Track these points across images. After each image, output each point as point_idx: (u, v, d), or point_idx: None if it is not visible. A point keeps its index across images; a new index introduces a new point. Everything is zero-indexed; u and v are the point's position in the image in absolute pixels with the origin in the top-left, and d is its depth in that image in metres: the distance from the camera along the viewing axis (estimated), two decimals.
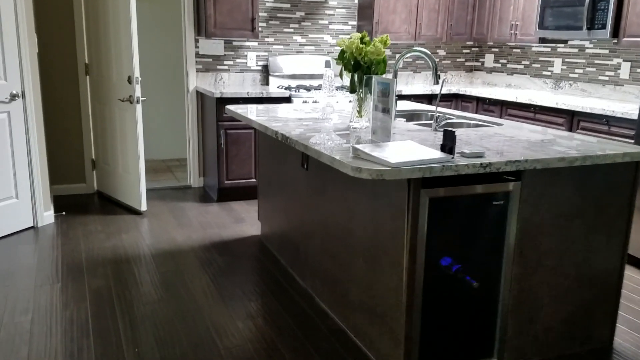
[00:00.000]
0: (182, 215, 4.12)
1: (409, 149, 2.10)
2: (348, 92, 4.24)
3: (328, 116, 3.08)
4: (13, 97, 3.49)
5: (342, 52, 2.71)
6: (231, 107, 3.37)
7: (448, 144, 2.04)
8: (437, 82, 2.92)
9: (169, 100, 5.90)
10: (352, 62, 2.66)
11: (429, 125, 2.94)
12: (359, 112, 2.76)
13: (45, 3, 4.24)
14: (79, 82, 4.41)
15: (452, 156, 2.00)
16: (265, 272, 3.16)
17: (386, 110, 2.30)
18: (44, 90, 4.30)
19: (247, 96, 4.37)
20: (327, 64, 5.09)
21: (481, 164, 1.95)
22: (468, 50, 5.74)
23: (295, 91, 4.54)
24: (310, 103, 4.52)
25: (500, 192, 2.10)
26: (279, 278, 3.10)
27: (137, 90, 3.92)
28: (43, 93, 4.25)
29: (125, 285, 2.94)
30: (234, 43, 4.83)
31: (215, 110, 4.34)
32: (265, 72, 4.98)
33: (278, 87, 4.79)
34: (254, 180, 4.53)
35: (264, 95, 4.43)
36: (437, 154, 2.01)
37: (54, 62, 4.29)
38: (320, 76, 5.09)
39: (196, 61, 4.73)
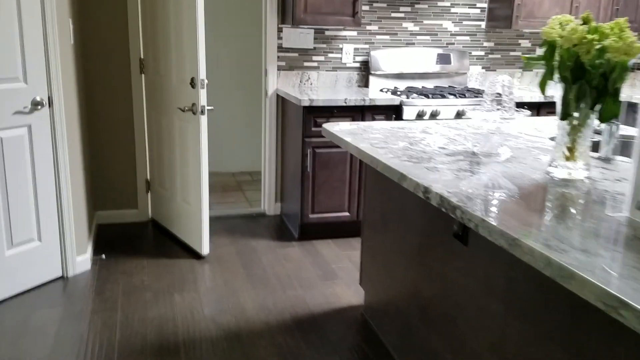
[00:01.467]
0: (254, 261, 3.09)
1: None
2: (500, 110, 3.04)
3: (495, 150, 1.89)
4: (36, 105, 2.60)
5: (550, 47, 1.51)
6: (334, 130, 2.26)
7: None
8: None
9: (241, 104, 4.93)
10: (571, 66, 1.46)
11: None
12: (572, 151, 1.56)
13: None
14: (133, 82, 3.49)
15: None
16: None
17: None
18: (87, 93, 3.42)
19: (345, 104, 3.26)
20: (446, 59, 3.87)
21: None
22: None
23: (406, 97, 3.37)
24: (428, 115, 3.33)
25: None
26: None
27: (203, 97, 2.92)
28: (85, 97, 3.37)
29: None
30: (327, 33, 3.73)
31: (301, 122, 3.27)
32: (365, 70, 3.85)
33: (382, 91, 3.64)
34: (347, 214, 3.42)
35: (367, 103, 3.30)
36: None
37: (99, 57, 3.40)
38: (436, 75, 3.88)
39: (278, 57, 3.68)
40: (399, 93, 3.49)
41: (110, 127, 3.49)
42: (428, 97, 3.38)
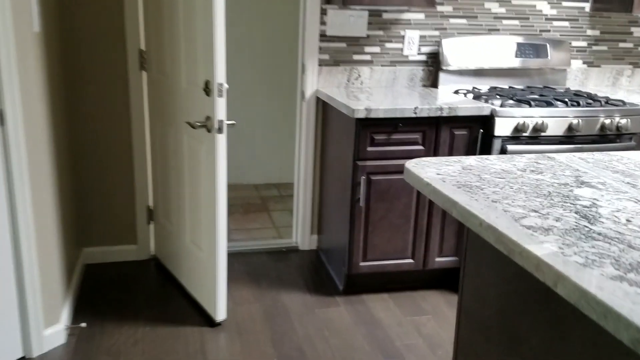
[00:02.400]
0: (287, 333, 2.26)
1: None
2: None
3: None
4: None
5: None
6: (430, 178, 1.39)
7: None
8: None
9: (269, 104, 4.08)
10: None
11: None
12: None
13: None
14: (131, 82, 2.67)
15: None
16: None
17: None
18: (68, 96, 2.60)
19: (415, 114, 2.38)
20: (541, 51, 2.93)
21: None
22: None
23: (500, 104, 2.47)
24: (529, 129, 2.42)
25: None
26: None
27: (221, 109, 2.07)
28: (64, 102, 2.54)
29: None
30: (385, 15, 2.84)
31: (352, 138, 2.41)
32: (433, 64, 2.95)
33: (457, 93, 2.74)
34: (410, 261, 2.56)
35: (445, 113, 2.41)
36: None
37: (85, 48, 2.57)
38: (524, 72, 2.95)
39: (320, 48, 2.80)
40: (484, 97, 2.58)
41: (101, 140, 2.68)
42: (530, 105, 2.47)
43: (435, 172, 1.41)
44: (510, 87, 2.94)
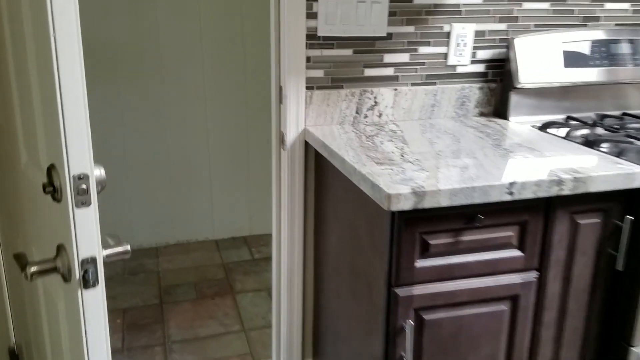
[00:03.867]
0: None
1: None
2: None
3: None
4: None
5: None
6: None
7: None
8: None
9: (235, 135, 2.87)
10: None
11: None
12: None
13: None
14: None
15: None
16: None
17: None
18: None
19: (509, 195, 1.21)
20: None
21: None
22: None
23: None
24: None
25: None
26: None
27: (89, 231, 0.86)
28: None
29: None
30: (417, 0, 1.67)
31: (386, 244, 1.21)
32: (497, 79, 1.79)
33: (546, 130, 1.59)
34: None
35: (566, 190, 1.24)
36: None
37: None
38: (636, 86, 1.82)
39: (309, 59, 1.61)
40: (609, 142, 1.43)
41: None
42: None
43: None
44: (624, 113, 1.80)
